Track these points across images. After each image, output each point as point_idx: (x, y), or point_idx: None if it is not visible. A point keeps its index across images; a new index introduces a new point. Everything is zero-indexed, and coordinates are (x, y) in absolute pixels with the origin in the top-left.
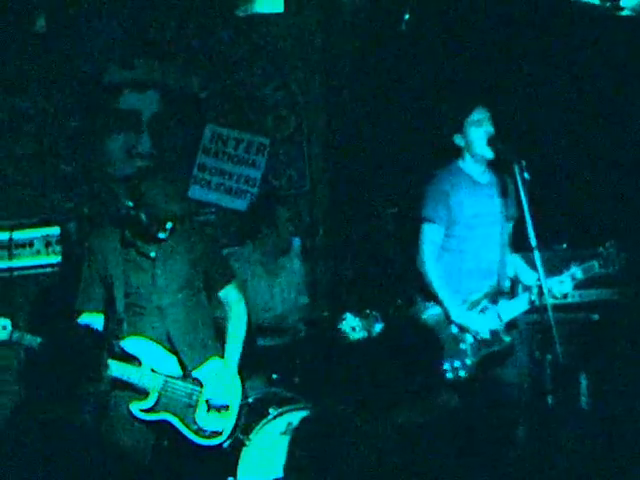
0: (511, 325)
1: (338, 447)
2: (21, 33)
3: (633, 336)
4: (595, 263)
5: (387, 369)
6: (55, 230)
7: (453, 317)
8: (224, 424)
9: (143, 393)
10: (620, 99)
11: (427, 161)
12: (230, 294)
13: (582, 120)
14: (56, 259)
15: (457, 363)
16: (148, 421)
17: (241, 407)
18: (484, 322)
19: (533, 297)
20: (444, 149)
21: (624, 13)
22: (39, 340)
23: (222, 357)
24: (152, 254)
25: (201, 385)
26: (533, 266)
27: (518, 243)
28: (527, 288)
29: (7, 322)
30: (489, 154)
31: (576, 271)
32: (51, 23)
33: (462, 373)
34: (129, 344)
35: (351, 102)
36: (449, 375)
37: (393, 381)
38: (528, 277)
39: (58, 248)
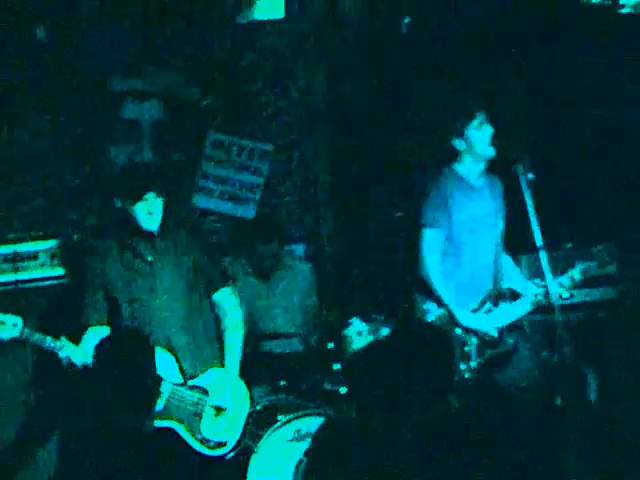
0: (515, 326)
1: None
2: (22, 43)
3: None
4: (592, 264)
5: (397, 372)
6: (59, 242)
7: (460, 320)
8: (229, 435)
9: None
10: (621, 97)
11: (429, 164)
12: (225, 298)
13: (582, 118)
14: (61, 271)
15: (462, 366)
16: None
17: (247, 417)
18: (489, 324)
19: (539, 297)
20: (444, 152)
21: (624, 10)
22: (49, 339)
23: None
24: (149, 258)
25: (207, 394)
26: (533, 267)
27: (523, 243)
28: (531, 289)
29: (19, 320)
30: (492, 152)
31: (574, 273)
32: (52, 32)
33: (467, 375)
34: None
35: (353, 106)
36: (456, 377)
37: (404, 384)
38: (515, 280)
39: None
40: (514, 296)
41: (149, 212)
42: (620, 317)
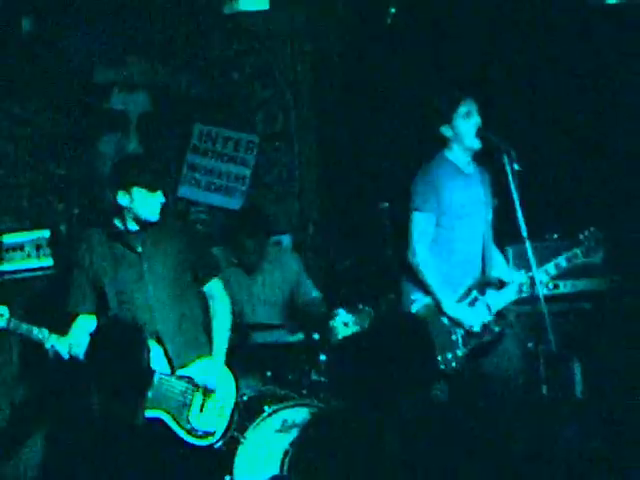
0: (500, 315)
1: (342, 443)
2: (7, 35)
3: (625, 324)
4: (578, 251)
5: (379, 363)
6: (45, 233)
7: (446, 309)
8: (217, 425)
9: None
10: (607, 88)
11: (416, 154)
12: (214, 288)
13: (569, 109)
14: (47, 262)
15: (449, 354)
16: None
17: (234, 407)
18: (475, 315)
19: (524, 287)
20: (431, 140)
21: (610, 2)
22: (35, 329)
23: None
24: (138, 249)
25: (194, 384)
26: (521, 257)
27: (509, 234)
28: (517, 276)
29: (5, 309)
30: (477, 145)
31: (560, 260)
32: (38, 24)
33: (454, 364)
34: None
35: (340, 97)
36: (442, 367)
37: (386, 376)
38: (502, 270)
39: (49, 251)
40: (501, 284)
41: (159, 203)
42: (606, 308)
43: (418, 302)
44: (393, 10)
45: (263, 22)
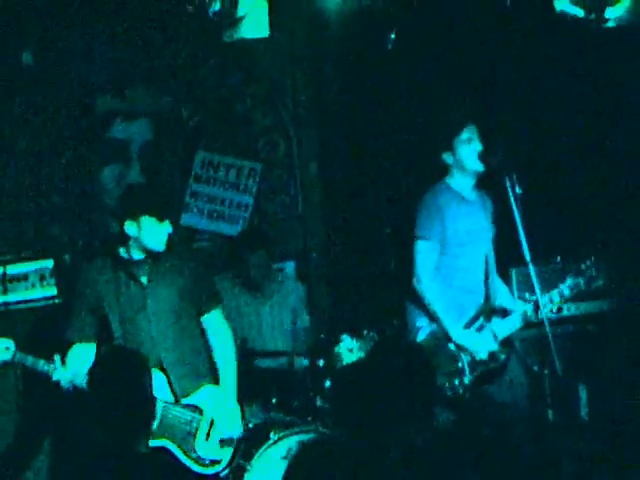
0: (505, 342)
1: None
2: (8, 67)
3: (630, 346)
4: (580, 281)
5: (379, 391)
6: (49, 263)
7: (452, 336)
8: (223, 453)
9: None
10: (610, 111)
11: (419, 180)
12: (214, 319)
13: (569, 131)
14: (51, 292)
15: (456, 381)
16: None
17: (240, 435)
18: (482, 342)
19: (529, 313)
20: (432, 167)
21: (609, 24)
22: (41, 362)
23: (215, 384)
24: (142, 279)
25: (200, 412)
26: (524, 281)
27: (512, 257)
28: (521, 305)
29: (10, 343)
30: (480, 167)
31: (563, 289)
32: (38, 56)
33: (460, 391)
34: None
35: (341, 123)
36: (448, 393)
37: (387, 403)
38: (505, 298)
39: (52, 281)
40: (505, 312)
41: (167, 232)
42: (611, 330)
43: (424, 329)
44: (393, 36)
45: (264, 50)
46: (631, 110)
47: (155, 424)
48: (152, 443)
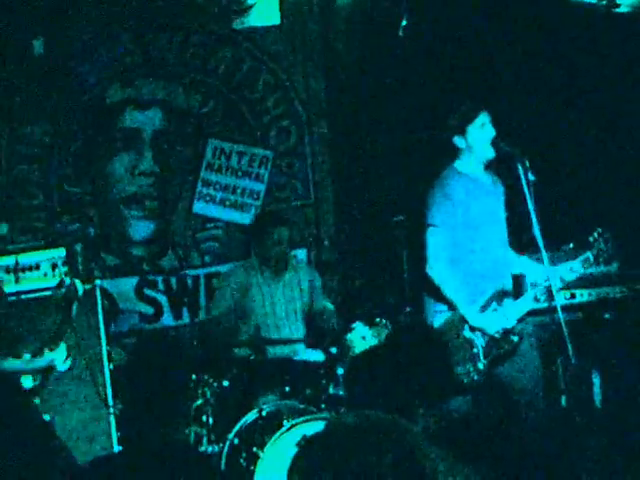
0: (518, 324)
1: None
2: (20, 57)
3: None
4: (589, 254)
5: (394, 377)
6: (61, 252)
7: (470, 320)
8: None
9: None
10: (621, 97)
11: (430, 166)
12: None
13: (580, 118)
14: None
15: (470, 367)
16: None
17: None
18: (498, 323)
19: (539, 295)
20: (443, 150)
21: (620, 10)
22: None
23: None
24: None
25: None
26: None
27: (524, 243)
28: (532, 286)
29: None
30: (491, 154)
31: (574, 264)
32: (49, 46)
33: (476, 376)
34: None
35: (353, 111)
36: (465, 379)
37: (403, 389)
38: (537, 274)
39: (64, 270)
40: (517, 294)
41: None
42: (625, 317)
43: (442, 314)
44: (405, 22)
45: (275, 37)
46: None
47: None
48: None
